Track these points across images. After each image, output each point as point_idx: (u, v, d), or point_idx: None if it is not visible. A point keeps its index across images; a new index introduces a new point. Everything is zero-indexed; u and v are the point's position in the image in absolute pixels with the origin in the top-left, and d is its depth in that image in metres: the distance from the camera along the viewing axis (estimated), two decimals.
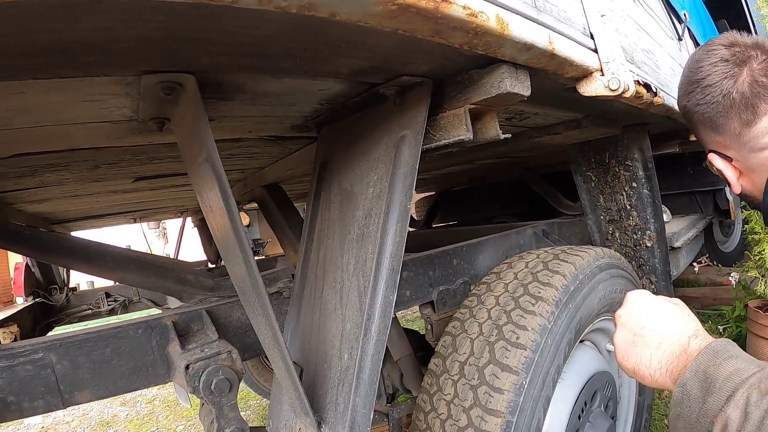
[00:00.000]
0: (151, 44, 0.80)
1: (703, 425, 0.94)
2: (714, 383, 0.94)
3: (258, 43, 0.86)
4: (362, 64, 1.07)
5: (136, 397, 5.52)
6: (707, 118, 1.37)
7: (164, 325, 1.45)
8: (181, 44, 0.82)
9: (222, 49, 0.88)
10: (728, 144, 1.38)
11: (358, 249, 1.22)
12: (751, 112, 1.28)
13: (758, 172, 1.36)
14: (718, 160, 1.45)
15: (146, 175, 2.08)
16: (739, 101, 1.28)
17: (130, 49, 0.80)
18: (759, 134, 1.30)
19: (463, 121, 1.19)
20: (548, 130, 2.37)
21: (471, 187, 5.21)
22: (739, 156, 1.38)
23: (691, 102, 1.40)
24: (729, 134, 1.35)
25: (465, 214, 5.50)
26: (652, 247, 2.78)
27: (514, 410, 1.50)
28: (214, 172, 0.99)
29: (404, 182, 1.16)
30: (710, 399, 0.93)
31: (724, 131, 1.36)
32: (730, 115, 1.31)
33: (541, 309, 1.65)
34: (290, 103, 1.32)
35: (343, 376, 1.17)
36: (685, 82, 1.44)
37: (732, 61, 1.30)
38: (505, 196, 5.09)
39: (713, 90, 1.32)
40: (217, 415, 1.30)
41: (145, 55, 0.84)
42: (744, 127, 1.31)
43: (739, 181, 1.45)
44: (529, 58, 1.12)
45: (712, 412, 0.92)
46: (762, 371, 0.91)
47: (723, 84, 1.30)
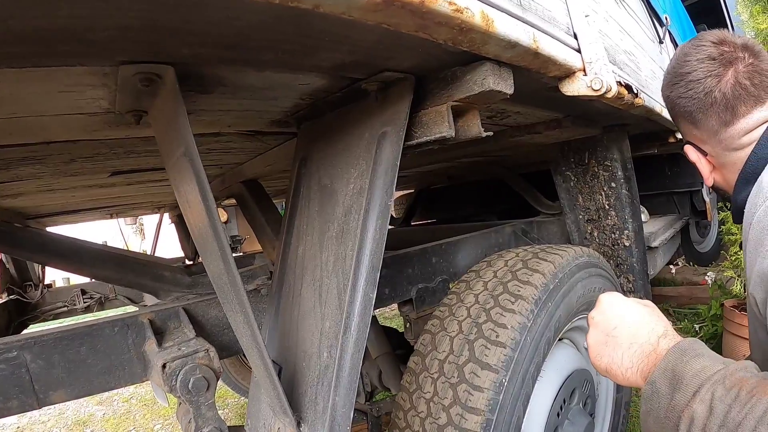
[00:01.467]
0: (130, 33, 0.78)
1: (671, 420, 0.97)
2: (681, 380, 0.97)
3: (239, 35, 0.85)
4: (344, 59, 1.06)
5: (112, 396, 5.46)
6: (687, 112, 1.40)
7: (140, 322, 1.42)
8: (162, 34, 0.80)
9: (203, 40, 0.85)
10: (705, 139, 1.42)
11: (337, 246, 1.21)
12: (731, 113, 1.30)
13: (730, 169, 1.40)
14: (693, 153, 1.49)
15: (123, 170, 2.04)
16: (720, 101, 1.30)
17: (108, 38, 0.78)
18: (735, 135, 1.33)
19: (445, 118, 1.18)
20: (529, 130, 2.38)
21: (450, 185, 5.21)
22: (714, 152, 1.42)
23: (674, 93, 1.43)
24: (706, 130, 1.38)
25: (444, 212, 5.50)
26: (630, 246, 2.80)
27: (494, 408, 1.50)
28: (193, 167, 0.97)
29: (385, 179, 1.15)
30: (677, 395, 0.96)
31: (702, 127, 1.39)
32: (710, 113, 1.34)
33: (520, 307, 1.64)
34: (271, 97, 1.30)
35: (322, 375, 1.16)
36: (671, 72, 1.45)
37: (719, 61, 1.32)
38: (484, 194, 5.10)
39: (696, 86, 1.34)
40: (195, 414, 1.28)
41: (123, 44, 0.82)
42: (722, 127, 1.34)
43: (712, 174, 1.49)
44: (513, 56, 1.11)
45: (680, 407, 0.95)
46: (727, 368, 0.95)
47: (706, 82, 1.32)
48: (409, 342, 2.00)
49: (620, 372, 1.15)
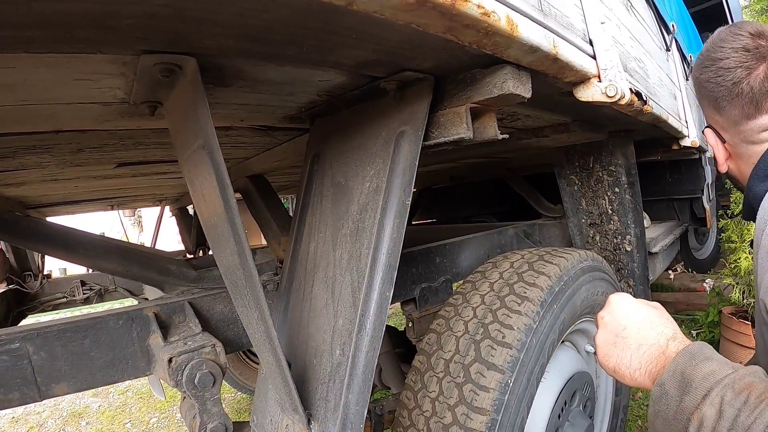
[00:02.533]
0: (156, 22, 0.77)
1: (680, 422, 0.97)
2: (691, 383, 0.98)
3: (266, 28, 0.85)
4: (367, 57, 1.06)
5: (108, 388, 5.44)
6: (713, 97, 1.40)
7: (145, 316, 1.42)
8: (188, 24, 0.80)
9: (228, 32, 0.85)
10: (725, 127, 1.43)
11: (352, 244, 1.21)
12: (755, 107, 1.31)
13: (745, 161, 1.41)
14: (712, 137, 1.50)
15: (129, 161, 2.04)
16: (746, 93, 1.31)
17: (133, 26, 0.78)
18: (756, 129, 1.34)
19: (463, 120, 1.19)
20: (536, 133, 2.38)
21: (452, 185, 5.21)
22: (732, 141, 1.43)
23: (704, 76, 1.42)
24: (728, 119, 1.39)
25: (445, 212, 5.52)
26: (631, 251, 2.81)
27: (499, 408, 1.51)
28: (212, 160, 0.97)
29: (403, 178, 1.15)
30: (687, 398, 0.97)
31: (725, 114, 1.39)
32: (734, 103, 1.34)
33: (526, 309, 1.65)
34: (288, 92, 1.30)
35: (334, 372, 1.17)
36: (704, 55, 1.46)
37: (753, 53, 1.32)
38: (485, 195, 5.11)
39: (726, 74, 1.35)
40: (200, 410, 1.29)
41: (147, 33, 0.82)
42: (743, 119, 1.35)
43: (727, 162, 1.50)
44: (533, 60, 1.12)
45: (689, 410, 0.96)
46: (736, 372, 0.96)
47: (737, 72, 1.33)
48: (410, 341, 2.00)
49: (628, 373, 1.16)
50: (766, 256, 1.12)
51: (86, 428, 4.59)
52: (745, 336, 3.36)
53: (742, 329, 3.38)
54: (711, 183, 4.76)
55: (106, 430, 4.51)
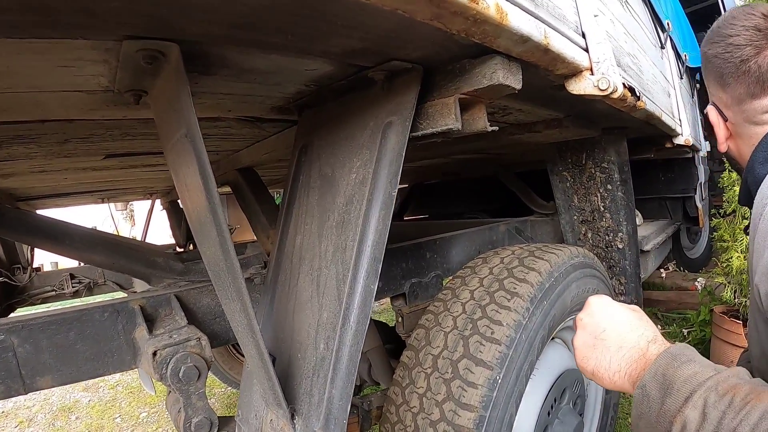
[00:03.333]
0: (138, 6, 0.75)
1: (663, 425, 0.97)
2: (672, 385, 0.97)
3: (252, 14, 0.82)
4: (355, 45, 1.04)
5: (98, 382, 5.42)
6: (719, 73, 1.39)
7: (131, 309, 1.41)
8: (171, 9, 0.78)
9: (213, 18, 0.83)
10: (729, 105, 1.41)
11: (337, 236, 1.20)
12: (760, 86, 1.30)
13: (746, 142, 1.40)
14: (714, 114, 1.48)
15: (117, 153, 2.02)
16: (753, 72, 1.30)
17: (115, 10, 0.75)
18: (759, 109, 1.32)
19: (452, 111, 1.17)
20: (529, 128, 2.37)
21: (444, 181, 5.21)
22: (734, 120, 1.41)
23: (711, 51, 1.41)
24: (733, 96, 1.38)
25: (437, 208, 5.51)
26: (623, 249, 2.81)
27: (488, 405, 1.49)
28: (194, 149, 0.95)
29: (390, 169, 1.13)
30: (669, 400, 0.96)
31: (729, 92, 1.38)
32: (740, 81, 1.33)
33: (516, 305, 1.64)
34: (275, 82, 1.28)
35: (318, 367, 1.15)
36: (714, 30, 1.44)
37: (764, 33, 1.30)
38: (477, 192, 5.11)
39: (735, 50, 1.33)
40: (185, 404, 1.27)
41: (129, 18, 0.79)
42: (748, 97, 1.33)
43: (727, 141, 1.48)
44: (524, 51, 1.10)
45: (671, 412, 0.95)
46: (719, 374, 0.95)
47: (745, 50, 1.31)
48: (400, 336, 1.99)
49: (607, 376, 1.15)
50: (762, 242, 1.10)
51: (76, 423, 4.57)
52: (736, 335, 3.35)
53: (733, 328, 3.37)
54: (704, 182, 4.76)
55: (95, 424, 4.48)
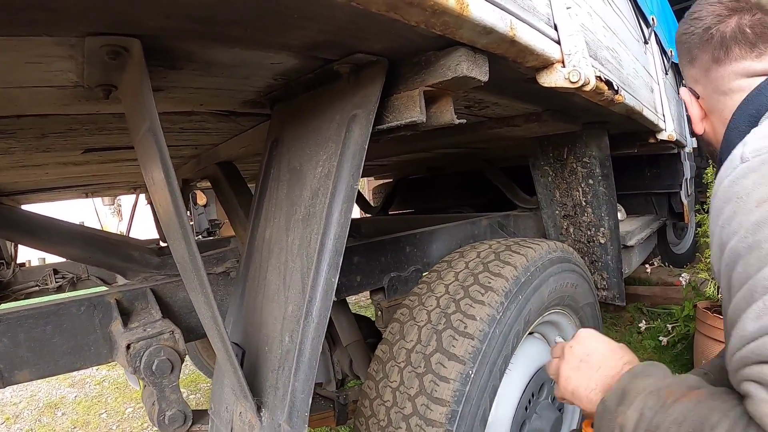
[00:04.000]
0: (96, 3, 0.75)
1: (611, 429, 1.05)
2: (627, 395, 1.04)
3: (207, 8, 0.82)
4: (315, 38, 1.03)
5: (85, 378, 5.43)
6: (686, 49, 1.41)
7: (107, 302, 1.41)
8: (127, 5, 0.78)
9: (169, 12, 0.83)
10: (698, 78, 1.42)
11: (303, 229, 1.19)
12: (724, 51, 1.30)
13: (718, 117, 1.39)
14: (686, 94, 1.48)
15: (96, 147, 2.01)
16: (716, 39, 1.31)
17: (73, 7, 0.76)
18: (726, 76, 1.32)
19: (417, 103, 1.17)
20: (507, 122, 2.37)
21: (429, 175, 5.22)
22: (704, 93, 1.42)
23: (680, 30, 1.44)
24: (700, 67, 1.39)
25: (422, 202, 5.51)
26: (605, 244, 2.81)
27: (460, 399, 1.50)
28: (156, 143, 0.94)
29: (352, 162, 1.13)
30: (620, 408, 1.04)
31: (697, 64, 1.39)
32: (705, 49, 1.34)
33: (490, 299, 1.64)
34: (243, 76, 1.27)
35: (283, 359, 1.15)
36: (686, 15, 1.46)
37: (727, 6, 1.32)
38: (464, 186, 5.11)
39: (698, 23, 1.36)
40: (159, 397, 1.28)
41: (88, 14, 0.80)
42: (713, 64, 1.34)
43: (702, 122, 1.48)
44: (489, 42, 1.10)
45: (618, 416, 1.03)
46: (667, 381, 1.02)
47: (708, 19, 1.34)
48: (381, 330, 1.99)
49: (585, 394, 1.23)
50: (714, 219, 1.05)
51: (62, 419, 4.56)
52: (719, 330, 3.36)
53: (716, 324, 3.38)
54: (690, 178, 4.78)
55: (81, 420, 4.48)
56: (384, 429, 1.59)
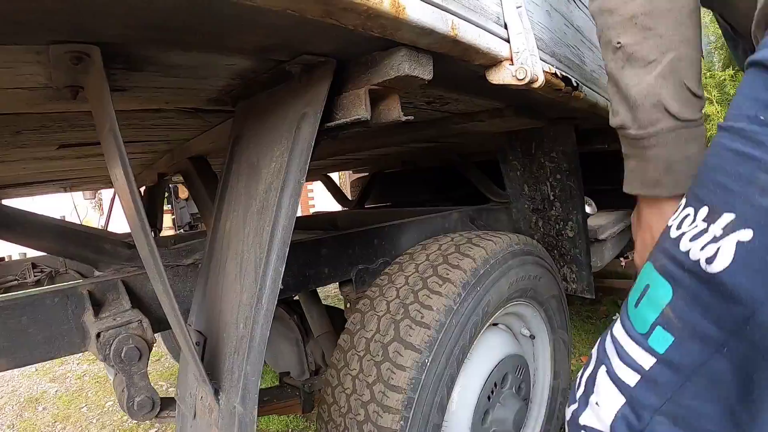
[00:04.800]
0: (56, 16, 0.82)
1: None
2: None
3: (159, 17, 0.88)
4: (263, 42, 1.08)
5: (66, 373, 5.45)
6: None
7: (80, 293, 1.45)
8: (85, 17, 0.84)
9: (125, 22, 0.89)
10: None
11: (257, 221, 1.24)
12: None
13: None
14: None
15: (70, 143, 2.05)
16: None
17: (36, 20, 0.82)
18: None
19: (363, 101, 1.21)
20: (472, 117, 2.41)
21: (406, 170, 5.25)
22: None
23: None
24: None
25: (399, 196, 5.58)
26: (573, 237, 2.86)
27: (416, 387, 1.55)
28: (116, 143, 1.01)
29: (300, 158, 1.17)
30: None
31: None
32: None
33: (447, 290, 1.69)
34: (202, 76, 1.32)
35: (238, 345, 1.20)
36: None
37: None
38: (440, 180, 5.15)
39: None
40: (128, 383, 1.31)
41: (51, 26, 0.86)
42: None
43: None
44: (431, 42, 1.14)
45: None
46: None
47: None
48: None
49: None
50: None
51: (43, 413, 4.58)
52: None
53: None
54: None
55: (62, 414, 4.50)
56: (344, 416, 1.64)
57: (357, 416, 1.60)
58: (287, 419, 3.60)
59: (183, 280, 1.67)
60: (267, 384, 3.99)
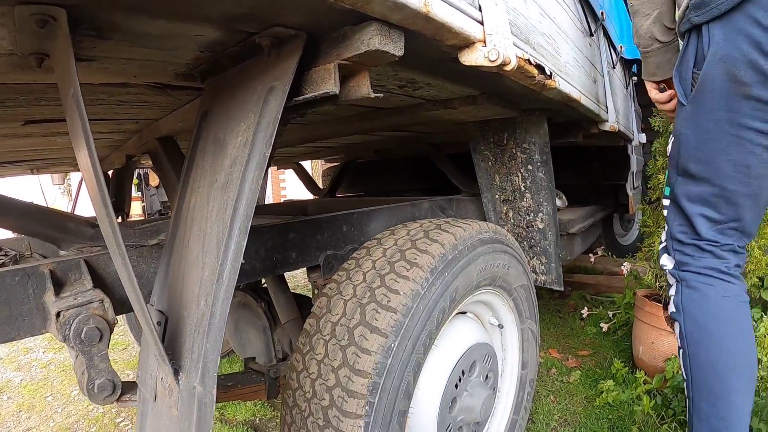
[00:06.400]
0: None
1: None
2: None
3: None
4: (233, 11, 1.06)
5: (31, 361, 5.36)
6: None
7: (41, 272, 1.41)
8: None
9: None
10: None
11: (221, 196, 1.22)
12: None
13: None
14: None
15: (36, 119, 2.02)
16: None
17: None
18: None
19: (332, 76, 1.20)
20: (445, 104, 2.41)
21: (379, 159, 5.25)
22: None
23: None
24: None
25: (371, 185, 5.58)
26: (543, 229, 2.88)
27: (382, 372, 1.53)
28: (78, 110, 0.98)
29: (266, 131, 1.16)
30: None
31: None
32: None
33: (415, 275, 1.68)
34: (170, 47, 1.30)
35: (199, 323, 1.18)
36: None
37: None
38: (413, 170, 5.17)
39: None
40: (88, 365, 1.28)
41: None
42: None
43: None
44: (402, 18, 1.13)
45: None
46: None
47: None
48: None
49: None
50: None
51: (8, 402, 4.51)
52: (656, 317, 3.46)
53: (653, 311, 3.48)
54: (636, 172, 4.88)
55: (27, 404, 4.43)
56: (309, 401, 1.62)
57: (322, 401, 1.58)
58: (254, 408, 3.58)
59: (147, 261, 1.64)
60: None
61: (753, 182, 1.83)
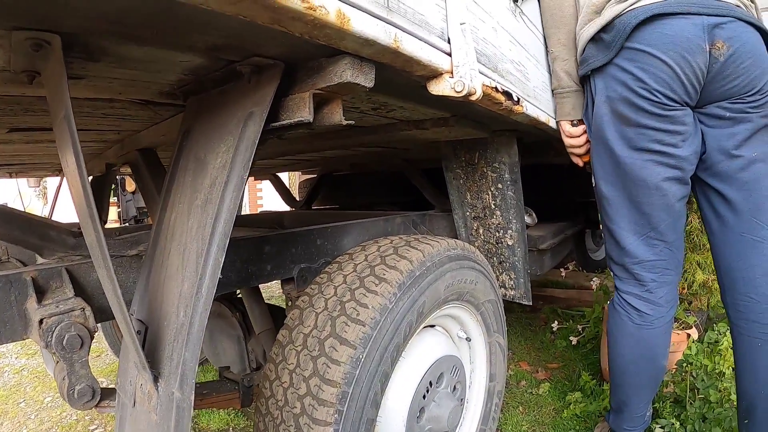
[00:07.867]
0: (21, 4, 0.87)
1: None
2: None
3: (117, 13, 0.93)
4: (216, 42, 1.14)
5: (3, 367, 5.32)
6: None
7: (24, 280, 1.45)
8: (49, 7, 0.90)
9: (86, 15, 0.94)
10: None
11: (201, 214, 1.29)
12: None
13: None
14: None
15: (21, 127, 2.07)
16: None
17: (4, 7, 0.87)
18: None
19: (306, 104, 1.28)
20: (418, 125, 2.49)
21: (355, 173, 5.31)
22: None
23: None
24: None
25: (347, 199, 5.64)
26: (513, 245, 2.96)
27: (350, 381, 1.60)
28: (69, 130, 1.04)
29: (245, 154, 1.23)
30: None
31: None
32: None
33: (383, 289, 1.75)
34: (156, 70, 1.37)
35: (178, 333, 1.24)
36: None
37: None
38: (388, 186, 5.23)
39: None
40: (69, 371, 1.33)
41: (15, 12, 0.91)
42: None
43: None
44: (373, 52, 1.21)
45: None
46: None
47: None
48: None
49: None
50: None
51: None
52: None
53: None
54: None
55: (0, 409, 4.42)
56: (281, 409, 1.69)
57: (293, 409, 1.65)
58: (228, 417, 3.61)
59: (126, 271, 1.69)
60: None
61: (654, 192, 2.25)
